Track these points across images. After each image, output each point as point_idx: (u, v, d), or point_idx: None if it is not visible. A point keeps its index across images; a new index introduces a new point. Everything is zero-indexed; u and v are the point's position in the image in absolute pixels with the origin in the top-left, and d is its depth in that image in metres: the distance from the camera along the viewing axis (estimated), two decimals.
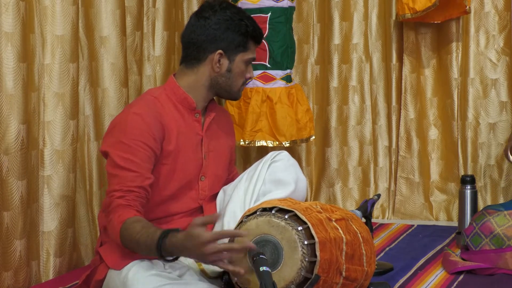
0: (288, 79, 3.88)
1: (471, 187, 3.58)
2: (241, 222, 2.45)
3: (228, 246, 2.28)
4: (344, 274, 2.45)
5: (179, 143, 2.69)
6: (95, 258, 2.67)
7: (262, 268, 2.24)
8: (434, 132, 4.25)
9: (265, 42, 3.80)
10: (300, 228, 2.36)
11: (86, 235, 3.32)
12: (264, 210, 2.44)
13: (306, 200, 2.85)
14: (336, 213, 2.59)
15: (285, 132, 3.83)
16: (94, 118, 3.36)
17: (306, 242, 2.35)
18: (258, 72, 3.83)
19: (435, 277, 3.08)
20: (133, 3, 3.54)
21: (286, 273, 2.35)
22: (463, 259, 3.17)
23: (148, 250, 2.39)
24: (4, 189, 2.82)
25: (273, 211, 2.41)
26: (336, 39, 4.30)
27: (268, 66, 3.84)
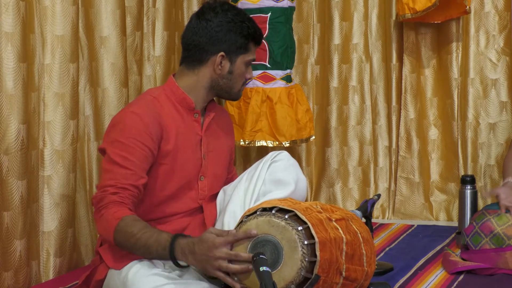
0: (288, 79, 3.88)
1: (471, 187, 3.58)
2: (241, 222, 2.45)
3: (236, 255, 2.33)
4: (344, 274, 2.45)
5: (178, 143, 2.68)
6: (95, 258, 2.67)
7: (262, 268, 2.24)
8: (434, 132, 4.25)
9: (265, 42, 3.80)
10: (300, 228, 2.36)
11: (86, 235, 3.32)
12: (264, 210, 2.44)
13: (306, 200, 2.84)
14: (336, 213, 2.58)
15: (285, 132, 3.82)
16: (94, 118, 3.36)
17: (306, 242, 2.35)
18: (258, 72, 3.83)
19: (435, 277, 3.08)
20: (133, 3, 3.54)
21: (286, 273, 2.35)
22: (463, 258, 3.17)
23: (148, 251, 2.41)
24: (4, 189, 2.82)
25: (273, 211, 2.41)
26: (336, 39, 4.30)
27: (268, 66, 3.84)
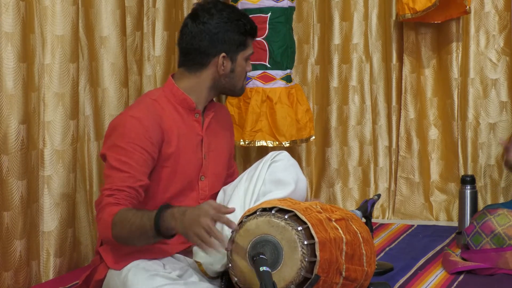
0: (288, 79, 3.88)
1: (471, 187, 3.58)
2: (241, 222, 2.45)
3: (220, 237, 2.31)
4: (344, 274, 2.45)
5: (179, 145, 2.68)
6: (95, 258, 2.67)
7: (262, 268, 2.24)
8: (434, 132, 4.25)
9: (265, 42, 3.80)
10: (300, 228, 2.36)
11: (86, 235, 3.32)
12: (264, 210, 2.44)
13: (306, 200, 2.84)
14: (336, 213, 2.58)
15: (285, 132, 3.82)
16: (94, 118, 3.36)
17: (306, 242, 2.35)
18: (258, 72, 3.83)
19: (435, 277, 3.08)
20: (133, 3, 3.54)
21: (286, 273, 2.35)
22: (463, 258, 3.17)
23: (144, 229, 2.37)
24: (4, 189, 2.82)
25: (273, 211, 2.41)
26: (336, 39, 4.29)
27: (268, 66, 3.84)
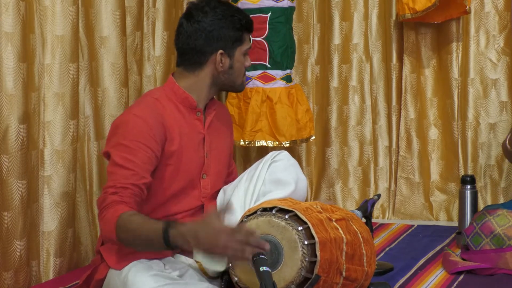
0: (288, 79, 3.88)
1: (471, 187, 3.58)
2: (241, 222, 2.45)
3: (247, 235, 2.18)
4: (344, 274, 2.45)
5: (182, 143, 2.68)
6: (96, 258, 2.67)
7: (262, 268, 2.23)
8: (434, 132, 4.25)
9: (265, 42, 3.80)
10: (300, 228, 2.36)
11: (86, 235, 3.32)
12: (264, 210, 2.44)
13: (306, 200, 2.84)
14: (336, 213, 2.58)
15: (285, 132, 3.82)
16: (94, 118, 3.36)
17: (306, 242, 2.35)
18: (258, 72, 3.83)
19: (435, 277, 3.08)
20: (133, 3, 3.54)
21: (286, 273, 2.35)
22: (463, 259, 3.16)
23: (151, 243, 2.35)
24: (4, 189, 2.82)
25: (273, 211, 2.41)
26: (336, 39, 4.29)
27: (268, 66, 3.84)
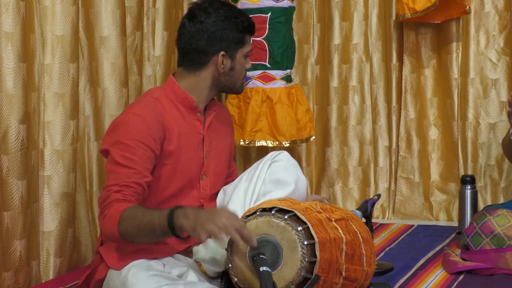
0: (288, 79, 3.88)
1: (471, 187, 3.58)
2: None
3: (246, 231, 2.27)
4: (344, 274, 2.45)
5: (180, 143, 2.68)
6: (96, 258, 2.67)
7: (262, 268, 2.24)
8: (434, 132, 4.25)
9: (265, 42, 3.80)
10: (300, 228, 2.36)
11: (86, 235, 3.32)
12: (264, 210, 2.44)
13: (306, 200, 2.84)
14: (336, 213, 2.58)
15: (285, 132, 3.82)
16: (94, 118, 3.36)
17: (306, 242, 2.35)
18: (258, 72, 3.83)
19: (435, 277, 3.08)
20: (133, 3, 3.54)
21: (286, 273, 2.35)
22: (463, 259, 3.16)
23: (153, 227, 2.35)
24: (4, 189, 2.82)
25: (273, 211, 2.41)
26: (336, 39, 4.29)
27: (268, 66, 3.84)
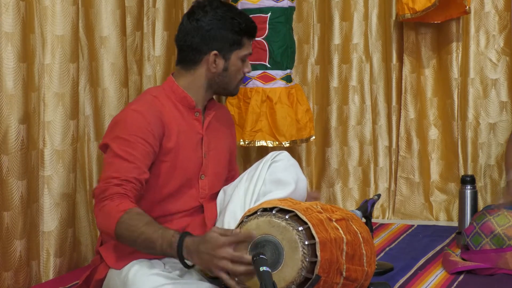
0: (288, 79, 3.88)
1: (471, 187, 3.58)
2: (241, 222, 2.45)
3: (240, 256, 2.29)
4: (344, 274, 2.45)
5: (179, 141, 2.68)
6: (96, 258, 2.67)
7: (262, 268, 2.23)
8: (434, 132, 4.25)
9: (265, 42, 3.80)
10: (300, 228, 2.36)
11: (86, 235, 3.32)
12: (265, 210, 2.43)
13: (306, 200, 2.84)
14: (337, 213, 2.58)
15: (285, 132, 3.82)
16: (94, 118, 3.36)
17: (306, 242, 2.35)
18: (258, 72, 3.83)
19: (435, 277, 3.08)
20: (133, 3, 3.54)
21: (287, 273, 2.34)
22: (463, 259, 3.17)
23: (152, 245, 2.36)
24: (4, 189, 2.82)
25: (273, 211, 2.41)
26: (336, 39, 4.29)
27: (268, 66, 3.84)
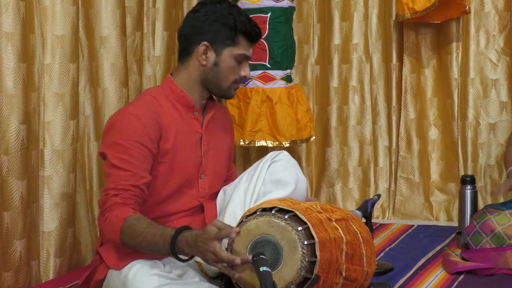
0: (288, 79, 3.88)
1: (471, 187, 3.58)
2: (241, 222, 2.45)
3: (231, 258, 2.28)
4: (344, 274, 2.45)
5: (177, 141, 2.68)
6: (95, 258, 2.67)
7: (262, 268, 2.24)
8: (434, 132, 4.25)
9: (265, 42, 3.80)
10: (300, 228, 2.36)
11: (86, 235, 3.32)
12: (264, 210, 2.44)
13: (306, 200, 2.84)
14: (336, 213, 2.58)
15: (285, 132, 3.82)
16: (94, 118, 3.36)
17: (306, 242, 2.35)
18: (258, 72, 3.83)
19: (435, 277, 3.08)
20: (133, 3, 3.54)
21: (286, 273, 2.34)
22: (463, 258, 3.17)
23: (156, 247, 2.38)
24: (4, 189, 2.82)
25: (273, 211, 2.41)
26: (336, 39, 4.30)
27: (268, 66, 3.84)
